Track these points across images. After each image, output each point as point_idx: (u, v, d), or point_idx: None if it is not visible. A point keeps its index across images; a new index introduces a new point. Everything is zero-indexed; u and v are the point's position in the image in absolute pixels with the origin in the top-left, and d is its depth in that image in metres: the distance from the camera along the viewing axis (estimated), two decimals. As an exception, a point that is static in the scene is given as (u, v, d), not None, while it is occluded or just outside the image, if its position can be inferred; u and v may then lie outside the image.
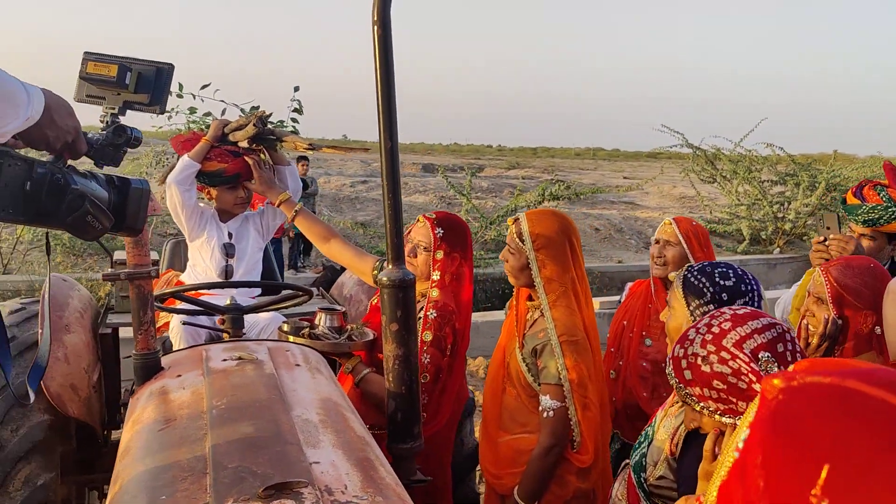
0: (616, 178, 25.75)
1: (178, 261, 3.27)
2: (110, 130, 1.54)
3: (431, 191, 17.53)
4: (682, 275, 1.76)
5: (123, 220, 1.48)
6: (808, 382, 0.64)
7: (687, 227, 2.66)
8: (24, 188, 1.28)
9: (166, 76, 1.62)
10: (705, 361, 1.34)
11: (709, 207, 13.93)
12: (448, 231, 2.31)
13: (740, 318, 1.38)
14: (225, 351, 1.94)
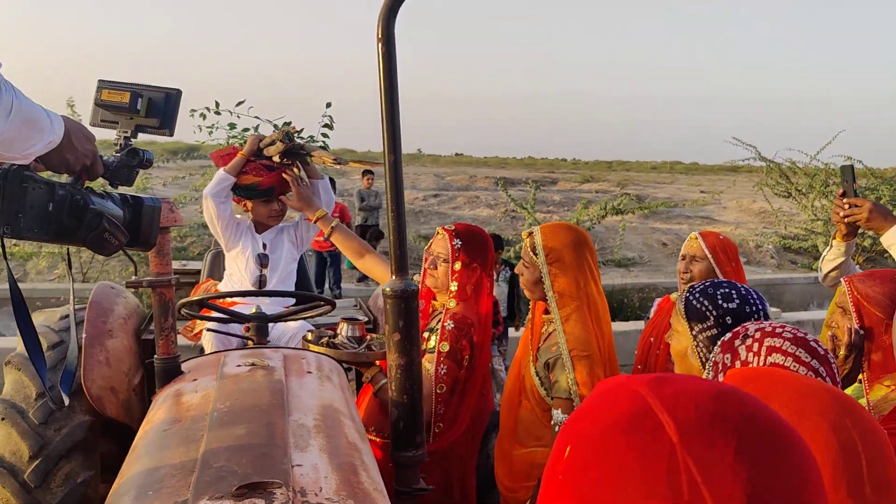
0: (693, 192, 25.11)
1: (218, 270, 3.40)
2: (124, 153, 1.65)
3: (501, 204, 17.53)
4: (684, 297, 1.71)
5: (138, 235, 1.59)
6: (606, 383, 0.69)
7: (714, 241, 2.61)
8: (48, 209, 1.40)
9: (175, 101, 1.72)
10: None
11: (783, 223, 13.42)
12: (466, 242, 2.33)
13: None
14: (241, 357, 2.01)
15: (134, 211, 1.58)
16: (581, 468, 0.61)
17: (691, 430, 0.58)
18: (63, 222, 1.42)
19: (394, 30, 1.72)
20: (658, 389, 0.62)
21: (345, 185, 19.35)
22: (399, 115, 1.76)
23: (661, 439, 0.58)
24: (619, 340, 6.21)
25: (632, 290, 8.90)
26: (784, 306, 9.45)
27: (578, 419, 0.65)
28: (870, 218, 2.33)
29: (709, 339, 1.60)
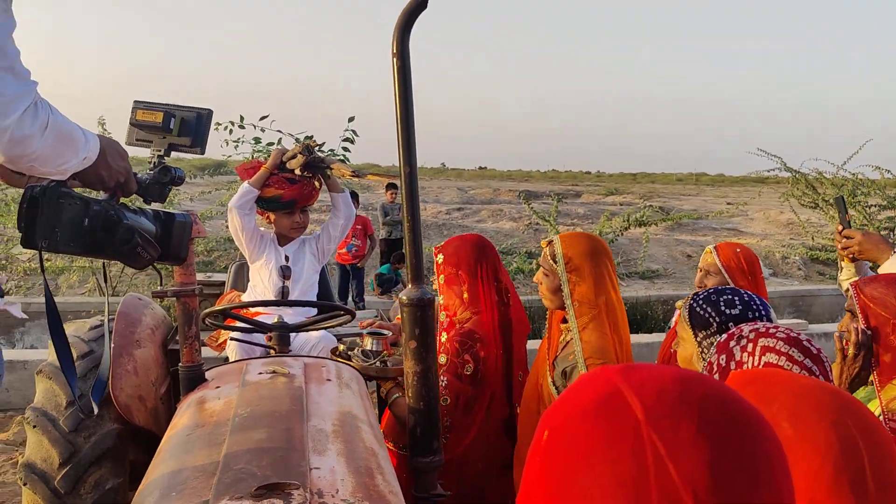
0: (719, 204, 24.90)
1: (242, 282, 3.46)
2: (157, 170, 1.72)
3: (525, 217, 17.53)
4: (688, 304, 1.73)
5: (169, 250, 1.66)
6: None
7: (729, 255, 2.58)
8: (83, 224, 1.46)
9: (206, 120, 1.79)
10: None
11: (811, 234, 13.25)
12: (446, 255, 2.39)
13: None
14: (263, 365, 2.06)
15: (165, 226, 1.65)
16: (556, 449, 0.65)
17: (656, 409, 0.62)
18: (97, 237, 1.48)
19: (408, 45, 1.77)
20: (627, 374, 0.67)
21: (369, 199, 19.49)
22: (414, 128, 1.80)
23: (627, 417, 0.62)
24: (644, 352, 6.19)
25: (656, 302, 8.84)
26: (812, 318, 9.32)
27: (556, 406, 0.70)
28: (861, 250, 2.38)
29: (712, 345, 1.62)
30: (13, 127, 1.18)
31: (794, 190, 12.43)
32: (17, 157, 1.23)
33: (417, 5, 1.71)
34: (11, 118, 1.17)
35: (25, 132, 1.20)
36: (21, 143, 1.20)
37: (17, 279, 8.55)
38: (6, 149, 1.20)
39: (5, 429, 4.77)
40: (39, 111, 1.23)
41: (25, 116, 1.19)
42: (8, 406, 5.02)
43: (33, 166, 1.27)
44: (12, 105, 1.17)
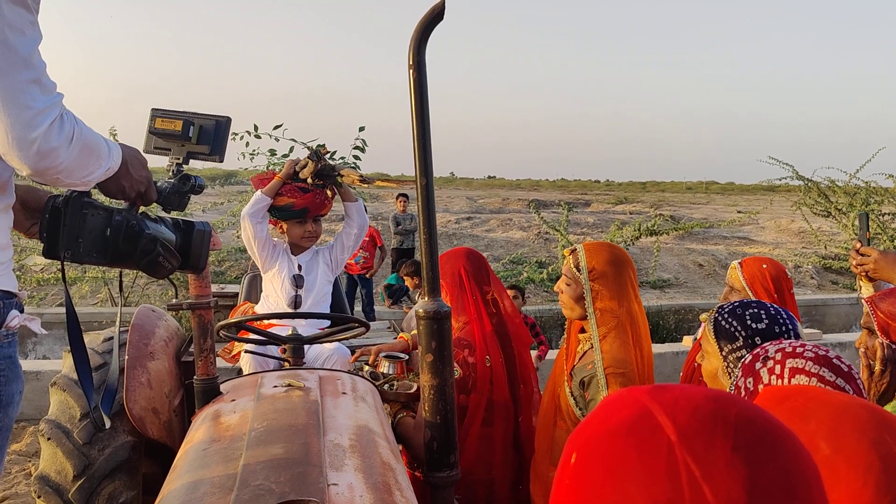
0: (729, 213, 24.82)
1: (255, 293, 3.46)
2: (177, 178, 1.70)
3: (534, 226, 17.51)
4: (713, 317, 1.71)
5: (188, 259, 1.64)
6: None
7: (753, 272, 2.51)
8: (105, 234, 1.46)
9: (224, 128, 1.77)
10: None
11: (823, 242, 13.19)
12: (441, 264, 2.38)
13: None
14: (278, 378, 2.05)
15: (185, 235, 1.64)
16: (586, 471, 0.64)
17: (690, 430, 0.61)
18: (119, 247, 1.47)
19: (424, 57, 1.77)
20: (658, 395, 0.65)
21: (378, 208, 19.51)
22: (430, 140, 1.80)
23: (660, 439, 0.61)
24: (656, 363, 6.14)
25: (668, 311, 8.80)
26: (826, 328, 9.25)
27: (583, 427, 0.68)
28: (876, 269, 2.35)
29: (738, 359, 1.60)
30: (41, 139, 1.18)
31: (805, 198, 12.38)
32: (44, 170, 1.23)
33: (433, 18, 1.71)
34: (39, 130, 1.17)
35: (52, 144, 1.20)
36: (48, 156, 1.20)
37: (29, 289, 8.59)
38: (33, 161, 1.20)
39: (18, 439, 4.78)
40: (65, 123, 1.23)
41: (52, 128, 1.20)
42: (21, 416, 5.01)
43: (59, 178, 1.27)
44: (39, 117, 1.17)
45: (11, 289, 1.37)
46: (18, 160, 1.19)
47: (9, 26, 1.14)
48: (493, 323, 2.37)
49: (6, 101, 1.14)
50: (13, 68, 1.14)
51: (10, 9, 1.14)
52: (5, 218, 1.38)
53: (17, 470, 4.30)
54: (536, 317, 8.05)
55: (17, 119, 1.15)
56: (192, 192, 1.73)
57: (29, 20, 1.18)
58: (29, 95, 1.16)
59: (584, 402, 2.14)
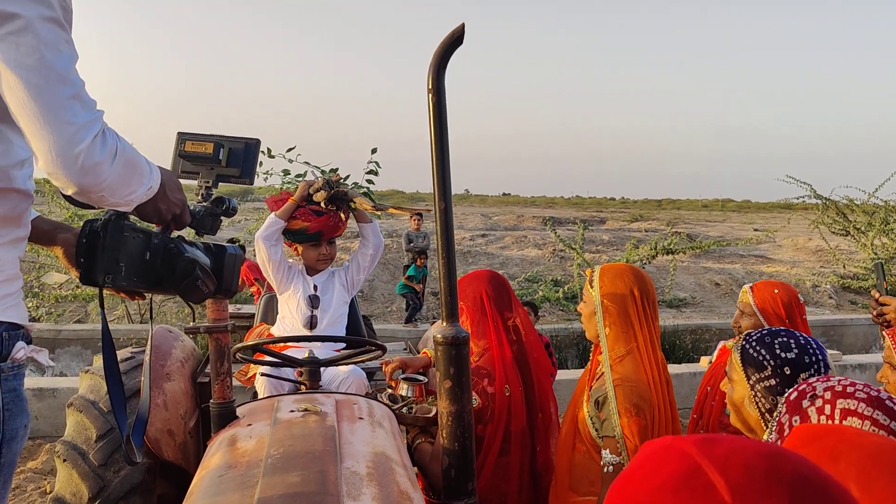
0: (746, 231, 24.63)
1: (271, 315, 3.46)
2: (210, 201, 1.69)
3: (550, 244, 17.45)
4: (740, 345, 1.68)
5: (221, 282, 1.62)
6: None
7: (765, 296, 2.47)
8: (144, 258, 1.44)
9: (254, 150, 1.76)
10: None
11: (842, 262, 13.05)
12: (462, 287, 2.38)
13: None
14: (294, 402, 2.04)
15: (217, 258, 1.61)
16: None
17: (744, 489, 0.58)
18: (158, 271, 1.46)
19: (444, 82, 1.76)
20: (707, 449, 0.62)
21: (392, 225, 19.53)
22: (449, 164, 1.79)
23: (713, 498, 0.58)
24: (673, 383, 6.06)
25: (684, 331, 8.71)
26: (844, 348, 9.12)
27: (627, 480, 0.66)
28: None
29: (766, 388, 1.56)
30: (84, 154, 1.18)
31: (823, 217, 12.28)
32: (88, 186, 1.22)
33: (453, 42, 1.71)
34: (82, 146, 1.17)
35: (96, 159, 1.20)
36: (92, 172, 1.20)
37: (48, 306, 8.65)
38: (77, 177, 1.20)
39: (34, 457, 4.79)
40: (108, 138, 1.23)
41: (95, 143, 1.20)
42: (37, 434, 5.04)
43: (103, 196, 1.27)
44: (81, 132, 1.17)
45: (18, 321, 1.36)
46: (63, 177, 1.19)
47: (45, 45, 1.14)
48: (514, 351, 2.34)
49: (48, 117, 1.15)
50: (52, 85, 1.15)
51: (44, 28, 1.15)
52: (15, 250, 1.37)
53: (32, 488, 4.30)
54: (552, 336, 8.00)
55: (60, 135, 1.15)
56: (225, 215, 1.72)
57: (64, 38, 1.19)
58: (70, 111, 1.16)
59: (599, 423, 2.11)
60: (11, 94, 1.14)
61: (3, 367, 1.32)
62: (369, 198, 3.71)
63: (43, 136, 1.16)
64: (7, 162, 1.30)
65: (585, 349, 8.41)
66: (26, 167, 1.36)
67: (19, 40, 1.13)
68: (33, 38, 1.13)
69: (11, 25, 1.12)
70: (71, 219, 7.20)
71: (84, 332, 7.65)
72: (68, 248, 1.60)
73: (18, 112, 1.16)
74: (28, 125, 1.16)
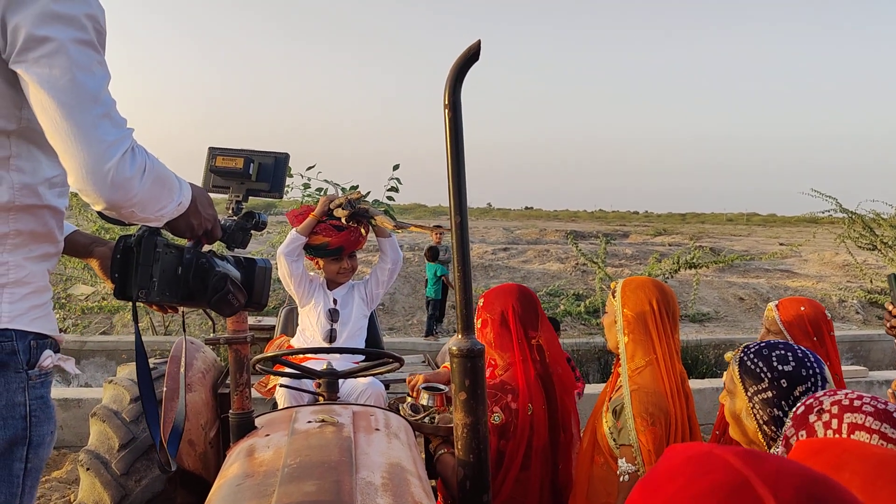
0: (771, 245, 24.38)
1: (291, 326, 3.50)
2: (241, 216, 1.73)
3: (572, 258, 17.40)
4: (738, 357, 1.68)
5: (251, 296, 1.65)
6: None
7: (791, 314, 2.43)
8: (177, 272, 1.48)
9: (283, 164, 1.79)
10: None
11: (869, 276, 12.85)
12: (487, 298, 2.40)
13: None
14: (312, 413, 2.06)
15: (247, 272, 1.65)
16: None
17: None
18: (190, 285, 1.49)
19: (460, 96, 1.79)
20: (755, 464, 0.62)
21: (415, 238, 19.57)
22: (465, 178, 1.80)
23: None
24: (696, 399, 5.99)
25: (707, 346, 8.62)
26: (871, 364, 8.97)
27: (661, 483, 0.65)
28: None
29: (763, 401, 1.58)
30: (114, 170, 1.22)
31: (850, 231, 12.12)
32: (118, 202, 1.26)
33: (469, 58, 1.73)
34: (111, 162, 1.21)
35: (126, 175, 1.24)
36: (122, 188, 1.24)
37: (74, 318, 8.79)
38: (108, 194, 1.23)
39: (59, 466, 4.86)
40: (137, 155, 1.27)
41: (125, 160, 1.24)
42: (62, 444, 5.11)
43: (133, 212, 1.31)
44: (112, 149, 1.21)
45: (47, 331, 1.39)
46: (94, 193, 1.23)
47: (77, 66, 1.19)
48: (538, 368, 2.34)
49: (79, 136, 1.19)
50: (83, 105, 1.19)
51: (77, 50, 1.20)
52: (45, 264, 1.41)
53: (57, 497, 4.36)
54: (573, 350, 7.96)
55: (91, 152, 1.20)
56: (255, 229, 1.75)
57: (97, 60, 1.23)
58: (101, 129, 1.21)
59: (616, 432, 2.11)
60: (45, 113, 1.19)
61: (31, 375, 1.36)
62: (390, 216, 3.75)
63: (74, 154, 1.20)
64: (35, 180, 1.34)
65: (607, 363, 8.36)
66: (56, 185, 1.40)
67: (53, 62, 1.18)
68: (66, 60, 1.18)
69: (45, 48, 1.17)
70: (98, 231, 7.32)
71: (109, 343, 7.75)
72: (104, 260, 1.65)
73: (51, 131, 1.20)
74: (60, 143, 1.20)
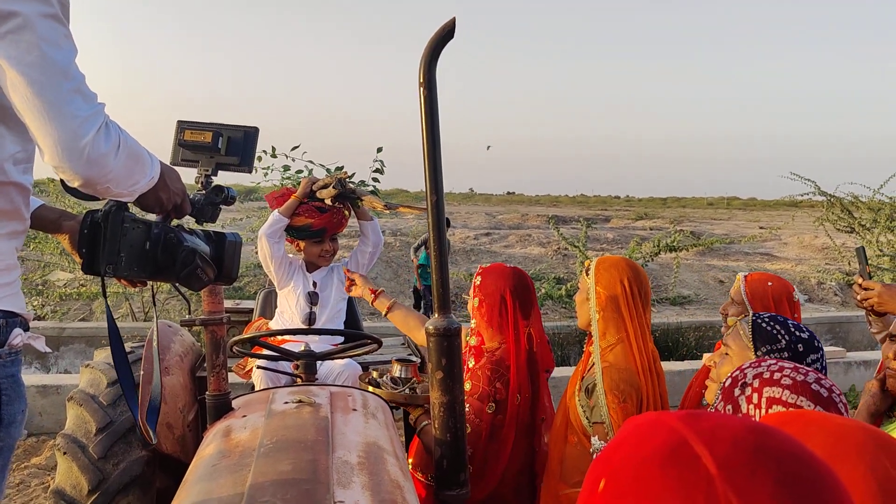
0: (751, 228, 24.60)
1: (270, 309, 3.48)
2: (210, 190, 1.71)
3: (553, 242, 17.47)
4: (751, 320, 1.70)
5: (221, 270, 1.64)
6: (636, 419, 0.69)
7: (757, 287, 2.42)
8: (145, 248, 1.47)
9: (253, 139, 1.77)
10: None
11: (847, 259, 13.00)
12: (486, 277, 2.36)
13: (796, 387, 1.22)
14: (290, 394, 2.05)
15: (217, 246, 1.64)
16: (617, 501, 0.61)
17: (731, 463, 0.58)
18: (159, 260, 1.48)
19: (435, 74, 1.78)
20: (693, 423, 0.63)
21: (397, 224, 19.55)
22: (441, 157, 1.80)
23: (699, 470, 0.59)
24: (676, 380, 6.07)
25: (687, 328, 8.70)
26: (850, 345, 9.10)
27: (612, 453, 0.66)
28: (881, 302, 2.32)
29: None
30: (89, 146, 1.20)
31: (828, 214, 12.24)
32: (94, 178, 1.24)
33: (444, 35, 1.72)
34: (87, 138, 1.19)
35: (101, 151, 1.22)
36: (98, 164, 1.22)
37: (52, 304, 8.70)
38: (84, 169, 1.22)
39: (38, 453, 4.82)
40: (111, 130, 1.25)
41: (99, 135, 1.22)
42: (42, 430, 5.08)
43: (109, 188, 1.29)
44: (86, 125, 1.19)
45: (16, 309, 1.38)
46: (70, 169, 1.21)
47: (44, 41, 1.16)
48: (528, 356, 2.34)
49: (51, 112, 1.16)
50: (54, 81, 1.17)
51: (43, 24, 1.17)
52: (12, 242, 1.39)
53: (36, 483, 4.34)
54: (554, 333, 8.00)
55: (65, 129, 1.17)
56: (224, 203, 1.74)
57: (63, 33, 1.21)
58: (74, 105, 1.18)
59: (589, 410, 2.13)
60: (14, 91, 1.17)
61: (1, 353, 1.34)
62: (377, 196, 3.73)
63: (48, 131, 1.18)
64: (0, 156, 1.32)
65: (588, 346, 8.40)
66: (21, 161, 1.38)
67: (19, 38, 1.15)
68: (33, 35, 1.15)
69: (11, 24, 1.14)
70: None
71: (88, 329, 7.69)
72: (73, 235, 1.63)
73: (23, 108, 1.18)
74: (33, 121, 1.18)
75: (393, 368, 2.37)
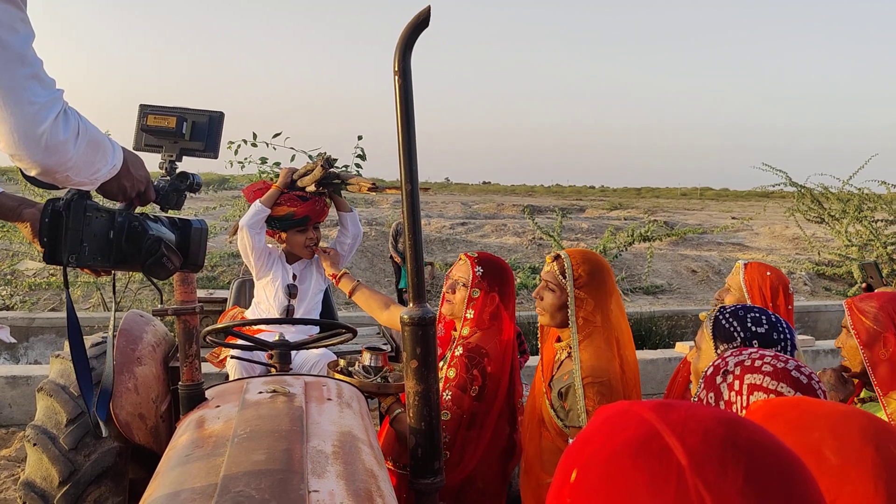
0: (724, 219, 24.87)
1: (244, 298, 3.46)
2: (175, 176, 1.68)
3: (528, 232, 17.52)
4: (713, 316, 1.71)
5: (187, 257, 1.61)
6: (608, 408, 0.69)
7: (754, 276, 2.47)
8: (108, 237, 1.43)
9: (218, 123, 1.74)
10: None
11: (817, 249, 13.22)
12: (488, 270, 2.33)
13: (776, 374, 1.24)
14: (264, 384, 2.04)
15: (183, 233, 1.60)
16: (589, 492, 0.62)
17: (701, 455, 0.59)
18: (123, 249, 1.45)
19: (410, 63, 1.77)
20: (664, 414, 0.63)
21: (373, 214, 19.47)
22: (415, 145, 1.80)
23: (669, 462, 0.59)
24: (648, 369, 6.12)
25: (660, 317, 8.80)
26: (819, 334, 9.27)
27: (583, 444, 0.66)
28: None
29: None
30: (47, 134, 1.16)
31: (799, 205, 12.43)
32: (53, 167, 1.20)
33: (419, 24, 1.71)
34: (45, 125, 1.15)
35: (60, 138, 1.18)
36: (57, 152, 1.18)
37: (21, 294, 8.56)
38: (42, 158, 1.17)
39: (7, 445, 4.76)
40: (70, 117, 1.21)
41: (58, 122, 1.18)
42: (11, 422, 5.01)
43: (68, 176, 1.25)
44: (43, 112, 1.15)
45: None
46: (27, 157, 1.17)
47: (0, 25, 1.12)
48: (510, 346, 2.34)
49: (7, 99, 1.12)
50: (9, 66, 1.12)
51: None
52: None
53: (5, 475, 4.28)
54: (528, 323, 8.04)
55: (22, 115, 1.13)
56: (189, 190, 1.71)
57: (19, 17, 1.15)
58: (30, 91, 1.13)
59: (564, 413, 2.13)
60: None
61: None
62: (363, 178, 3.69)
63: (3, 118, 1.13)
64: None
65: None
66: None
67: None
68: None
69: None
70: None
71: (58, 320, 7.58)
72: (34, 223, 1.59)
73: None
74: None
75: (363, 357, 2.36)
